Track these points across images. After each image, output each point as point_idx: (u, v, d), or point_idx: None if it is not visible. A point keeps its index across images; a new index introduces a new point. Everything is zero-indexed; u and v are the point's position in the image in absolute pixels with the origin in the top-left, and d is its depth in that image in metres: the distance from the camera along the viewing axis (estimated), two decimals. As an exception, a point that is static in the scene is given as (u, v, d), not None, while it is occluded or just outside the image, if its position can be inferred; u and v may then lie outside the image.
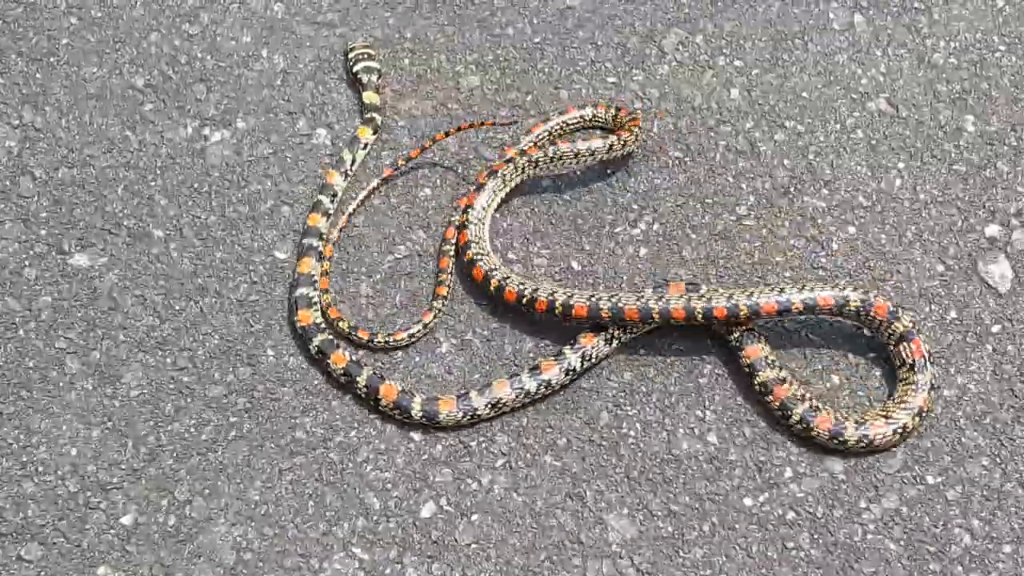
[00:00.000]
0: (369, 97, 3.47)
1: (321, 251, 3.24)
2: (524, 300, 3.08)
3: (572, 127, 3.45)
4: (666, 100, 3.50)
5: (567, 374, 3.03)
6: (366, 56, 3.53)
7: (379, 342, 3.12)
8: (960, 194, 3.32)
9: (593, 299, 3.03)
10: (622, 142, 3.29)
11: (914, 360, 2.93)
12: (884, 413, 2.91)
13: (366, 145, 3.41)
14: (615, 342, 3.08)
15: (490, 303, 3.21)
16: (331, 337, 3.13)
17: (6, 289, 3.22)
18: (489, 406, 3.00)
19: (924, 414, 2.91)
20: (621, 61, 3.57)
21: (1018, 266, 3.20)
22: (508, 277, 3.12)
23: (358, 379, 3.04)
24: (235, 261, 3.28)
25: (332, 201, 3.33)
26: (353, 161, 3.38)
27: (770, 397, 2.95)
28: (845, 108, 3.48)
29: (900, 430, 2.88)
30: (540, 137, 3.41)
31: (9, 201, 3.35)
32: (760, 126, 3.46)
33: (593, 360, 3.06)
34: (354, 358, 3.08)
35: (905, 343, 2.95)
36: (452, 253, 3.22)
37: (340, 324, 3.13)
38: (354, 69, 3.52)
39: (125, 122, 3.48)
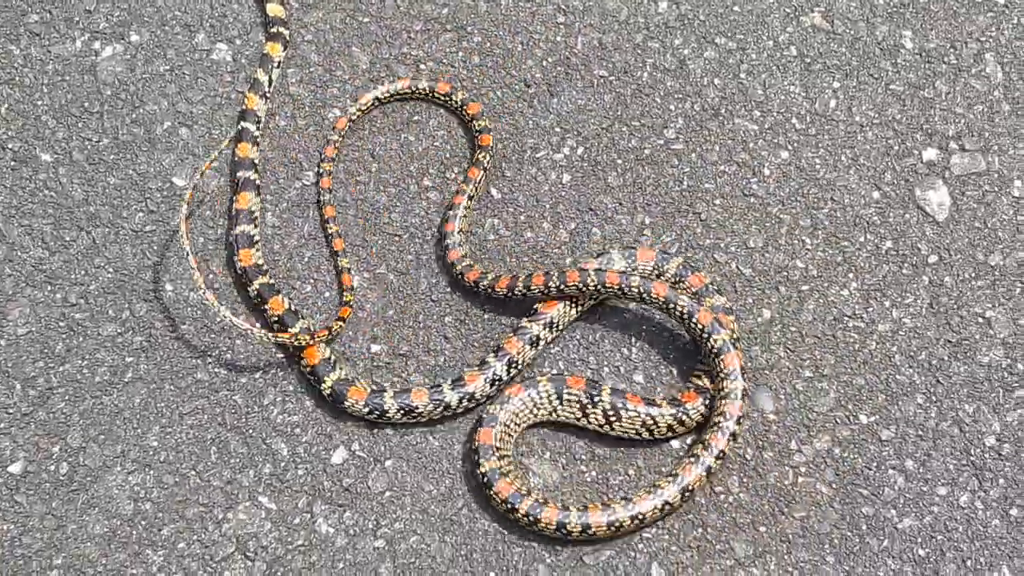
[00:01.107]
0: (273, 9, 3.24)
1: (259, 184, 3.04)
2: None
3: (401, 96, 3.21)
4: (590, 14, 3.30)
5: (492, 384, 2.82)
6: (269, -36, 3.29)
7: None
8: (897, 116, 3.18)
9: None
10: (485, 172, 3.07)
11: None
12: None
13: (279, 63, 3.18)
14: (540, 344, 2.87)
15: (403, 236, 3.03)
16: (272, 282, 2.93)
17: None
18: (401, 411, 2.78)
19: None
20: (543, -29, 3.37)
21: (956, 192, 3.07)
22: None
23: (289, 329, 2.86)
24: (130, 188, 3.06)
25: (258, 128, 3.10)
26: (270, 82, 3.15)
27: (493, 491, 2.69)
28: (778, 23, 3.30)
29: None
30: (370, 102, 3.18)
31: None
32: (689, 42, 3.28)
33: (520, 367, 2.85)
34: (293, 308, 2.89)
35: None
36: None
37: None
38: (256, -22, 3.28)
39: (8, 35, 3.22)
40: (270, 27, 3.22)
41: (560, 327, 2.89)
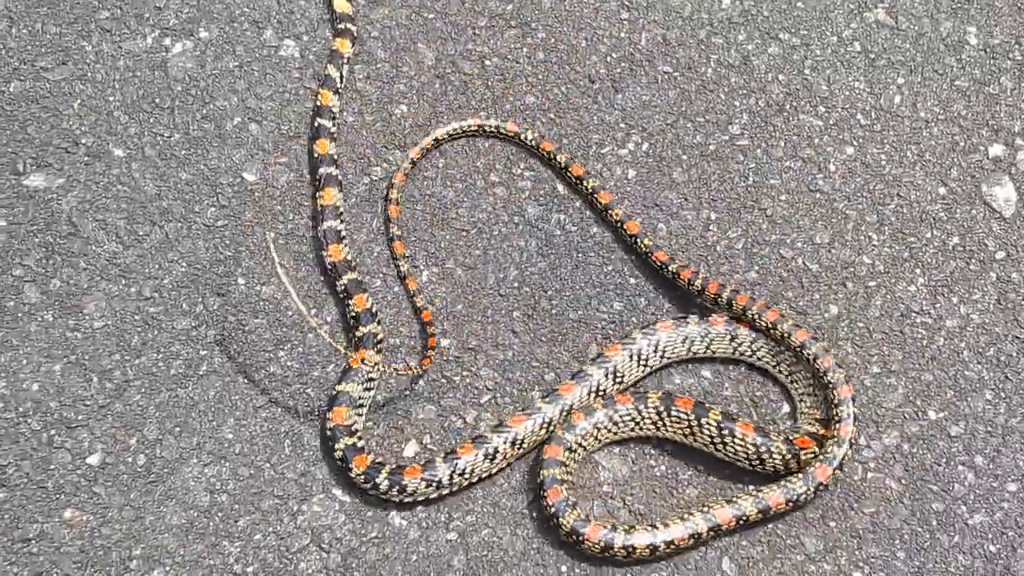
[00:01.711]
0: (340, 5, 3.27)
1: (340, 180, 3.07)
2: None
3: (505, 137, 3.19)
4: (653, 10, 3.32)
5: (486, 457, 2.75)
6: (336, -40, 3.32)
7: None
8: (962, 111, 3.18)
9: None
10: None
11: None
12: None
13: (348, 59, 3.21)
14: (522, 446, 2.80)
15: (471, 232, 3.06)
16: (359, 278, 2.96)
17: (-43, 214, 3.04)
18: (389, 483, 2.70)
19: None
20: (607, -33, 3.38)
21: (1023, 188, 3.08)
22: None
23: (360, 328, 2.89)
24: (201, 183, 3.10)
25: (333, 123, 3.14)
26: (341, 78, 3.18)
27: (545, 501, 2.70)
28: (842, 19, 3.31)
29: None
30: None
31: (-43, 118, 3.15)
32: (753, 38, 3.29)
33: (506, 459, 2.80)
34: (374, 309, 2.92)
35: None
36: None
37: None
38: (324, -25, 3.31)
39: (80, 32, 3.26)
40: (337, 23, 3.25)
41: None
